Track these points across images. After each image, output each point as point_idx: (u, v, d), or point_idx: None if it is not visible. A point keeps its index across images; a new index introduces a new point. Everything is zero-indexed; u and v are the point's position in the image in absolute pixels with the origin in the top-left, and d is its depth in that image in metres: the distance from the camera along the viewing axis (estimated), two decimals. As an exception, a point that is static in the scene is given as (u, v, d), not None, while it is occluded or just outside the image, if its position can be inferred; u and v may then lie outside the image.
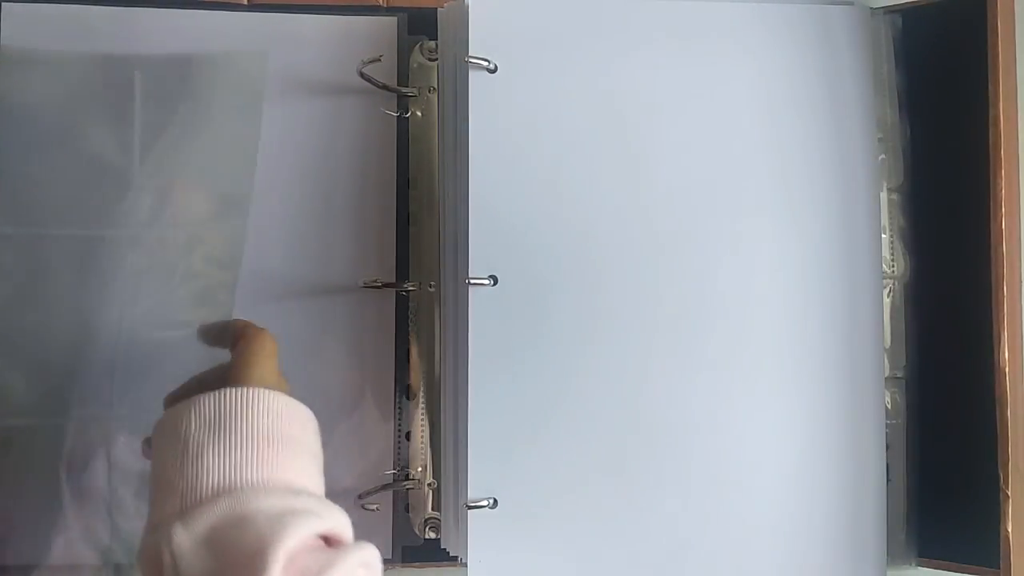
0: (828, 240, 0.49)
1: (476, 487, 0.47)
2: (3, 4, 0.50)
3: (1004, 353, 0.47)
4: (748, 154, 0.49)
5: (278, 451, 0.35)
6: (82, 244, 0.49)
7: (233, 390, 0.36)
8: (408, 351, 0.51)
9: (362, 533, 0.50)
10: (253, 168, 0.50)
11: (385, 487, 0.50)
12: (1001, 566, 0.46)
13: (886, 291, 0.48)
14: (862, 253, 0.49)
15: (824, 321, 0.48)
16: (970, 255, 0.48)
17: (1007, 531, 0.46)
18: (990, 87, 0.48)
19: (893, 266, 0.51)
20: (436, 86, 0.52)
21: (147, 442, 0.40)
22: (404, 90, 0.51)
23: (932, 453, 0.50)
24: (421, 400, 0.51)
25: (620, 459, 0.48)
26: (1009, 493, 0.46)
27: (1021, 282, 0.49)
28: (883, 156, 0.50)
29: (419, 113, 0.52)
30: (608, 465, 0.48)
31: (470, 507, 0.47)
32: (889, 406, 0.51)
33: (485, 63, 0.48)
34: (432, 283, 0.51)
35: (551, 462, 0.48)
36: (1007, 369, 0.47)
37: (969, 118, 0.48)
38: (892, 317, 0.48)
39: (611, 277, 0.48)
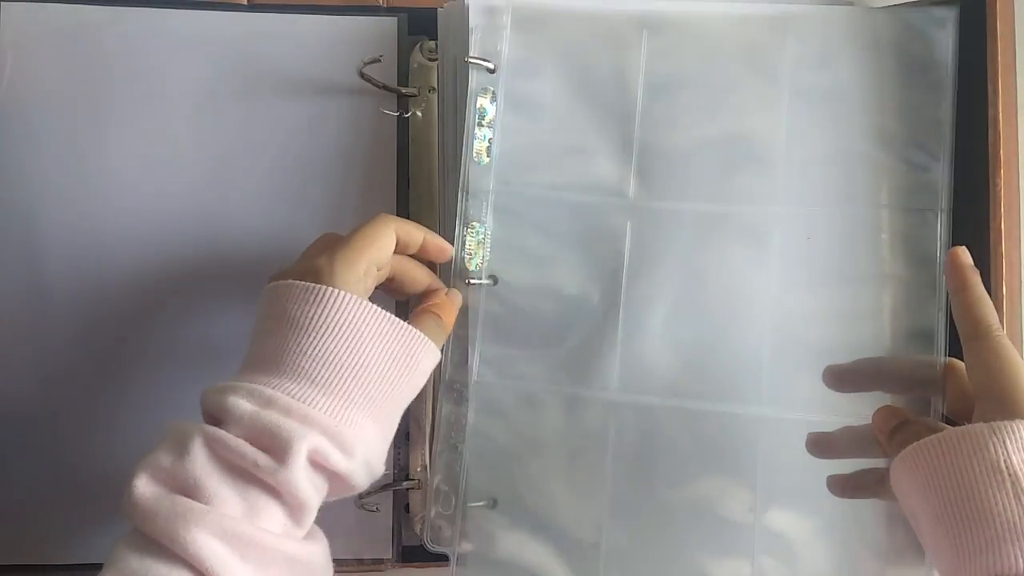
0: (828, 239, 0.48)
1: (476, 488, 0.48)
2: (3, 3, 0.50)
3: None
4: (749, 155, 0.49)
5: None
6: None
7: None
8: (408, 351, 0.51)
9: (362, 533, 0.51)
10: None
11: (385, 487, 0.50)
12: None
13: (886, 292, 0.48)
14: (862, 253, 0.48)
15: (825, 320, 0.48)
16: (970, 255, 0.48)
17: None
18: (989, 87, 0.48)
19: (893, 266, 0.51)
20: (436, 86, 0.52)
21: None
22: (404, 90, 0.51)
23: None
24: (421, 400, 0.51)
25: (620, 457, 0.48)
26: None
27: (1021, 282, 0.49)
28: (871, 173, 0.49)
29: (419, 113, 0.52)
30: (609, 464, 0.48)
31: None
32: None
33: (485, 63, 0.48)
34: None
35: (552, 462, 0.48)
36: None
37: (969, 118, 0.48)
38: (892, 318, 0.48)
39: (609, 276, 0.48)
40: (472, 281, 0.47)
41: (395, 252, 0.43)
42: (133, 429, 0.50)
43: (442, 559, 0.50)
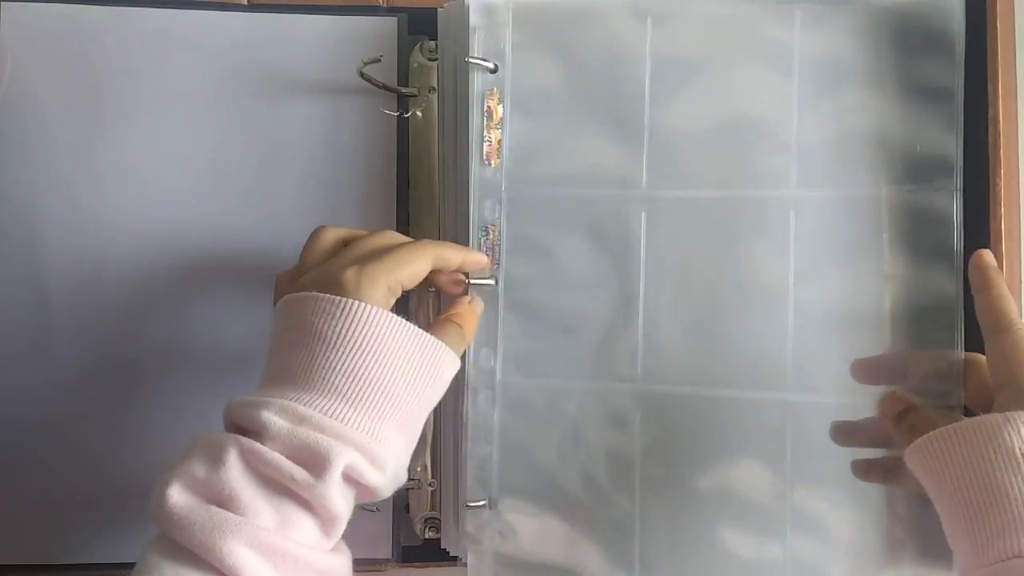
0: (845, 221, 0.48)
1: (475, 487, 0.48)
2: (3, 3, 0.50)
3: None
4: (761, 139, 0.49)
5: None
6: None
7: None
8: (408, 351, 0.51)
9: (362, 533, 0.50)
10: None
11: (385, 488, 0.50)
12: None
13: (886, 291, 0.48)
14: (879, 233, 0.49)
15: (844, 302, 0.48)
16: (970, 254, 0.48)
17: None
18: (990, 86, 0.48)
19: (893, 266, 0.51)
20: (436, 86, 0.52)
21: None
22: (404, 90, 0.51)
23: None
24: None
25: (648, 447, 0.48)
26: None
27: (1021, 282, 0.49)
28: (883, 155, 0.50)
29: (419, 113, 0.52)
30: (637, 453, 0.48)
31: (469, 507, 0.47)
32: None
33: (485, 63, 0.48)
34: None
35: (580, 455, 0.48)
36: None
37: (969, 117, 0.48)
38: (892, 317, 0.48)
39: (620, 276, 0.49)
40: (474, 281, 0.47)
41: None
42: (135, 430, 0.50)
43: (442, 559, 0.50)
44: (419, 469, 0.51)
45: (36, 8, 0.50)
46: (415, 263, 0.42)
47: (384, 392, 0.39)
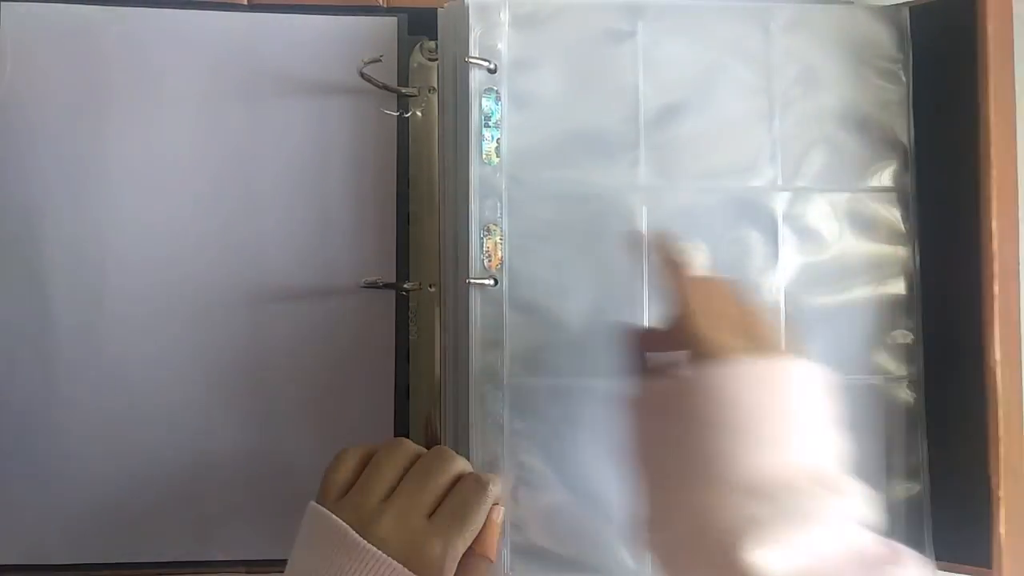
0: (823, 216, 0.50)
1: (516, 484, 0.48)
2: (3, 3, 0.50)
3: (996, 352, 0.48)
4: (746, 138, 0.50)
5: None
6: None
7: None
8: (408, 351, 0.51)
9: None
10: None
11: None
12: (993, 566, 0.47)
13: (871, 262, 0.50)
14: (849, 229, 0.50)
15: (826, 287, 0.50)
16: (962, 253, 0.49)
17: (999, 533, 0.47)
18: (980, 86, 0.48)
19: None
20: (436, 86, 0.52)
21: None
22: (404, 90, 0.52)
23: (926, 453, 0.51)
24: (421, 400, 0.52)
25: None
26: (1001, 495, 0.47)
27: (1020, 281, 0.49)
28: (855, 152, 0.51)
29: (419, 113, 0.52)
30: (608, 457, 0.48)
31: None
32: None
33: (485, 63, 0.49)
34: (432, 283, 0.52)
35: (561, 456, 0.48)
36: (998, 369, 0.48)
37: (962, 116, 0.49)
38: (876, 286, 0.50)
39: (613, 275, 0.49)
40: (473, 281, 0.48)
41: None
42: (135, 432, 0.50)
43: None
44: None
45: (36, 8, 0.50)
46: (482, 523, 0.42)
47: None
